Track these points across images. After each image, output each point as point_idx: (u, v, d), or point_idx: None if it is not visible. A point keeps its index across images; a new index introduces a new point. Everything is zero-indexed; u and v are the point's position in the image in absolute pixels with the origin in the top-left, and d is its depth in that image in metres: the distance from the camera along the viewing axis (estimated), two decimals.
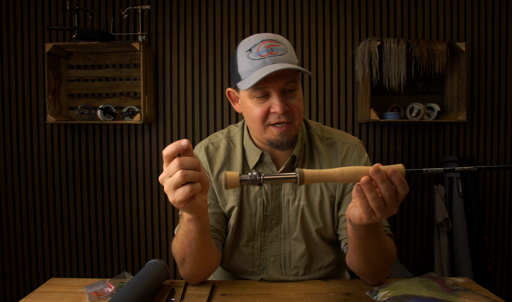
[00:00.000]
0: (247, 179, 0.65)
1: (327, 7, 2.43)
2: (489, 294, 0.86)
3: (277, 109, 0.87)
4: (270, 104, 0.88)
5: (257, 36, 0.90)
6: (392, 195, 0.64)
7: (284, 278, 1.01)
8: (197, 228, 0.78)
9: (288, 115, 0.89)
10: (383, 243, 0.82)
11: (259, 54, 0.87)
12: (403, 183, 0.64)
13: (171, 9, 2.42)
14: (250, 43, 0.89)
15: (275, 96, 0.87)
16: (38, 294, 0.89)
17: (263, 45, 0.87)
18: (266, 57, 0.86)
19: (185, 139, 0.66)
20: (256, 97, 0.89)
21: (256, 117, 0.90)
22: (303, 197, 0.98)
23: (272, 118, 0.89)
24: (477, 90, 2.45)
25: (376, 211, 0.65)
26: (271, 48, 0.87)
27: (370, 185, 0.63)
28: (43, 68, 2.39)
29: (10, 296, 2.46)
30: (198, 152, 1.04)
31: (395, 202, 0.65)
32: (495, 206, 2.47)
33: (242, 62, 0.89)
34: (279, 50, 0.87)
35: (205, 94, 2.43)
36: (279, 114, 0.88)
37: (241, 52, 0.90)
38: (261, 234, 1.00)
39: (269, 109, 0.89)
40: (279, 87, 0.87)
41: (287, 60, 0.87)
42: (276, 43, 0.88)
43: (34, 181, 2.43)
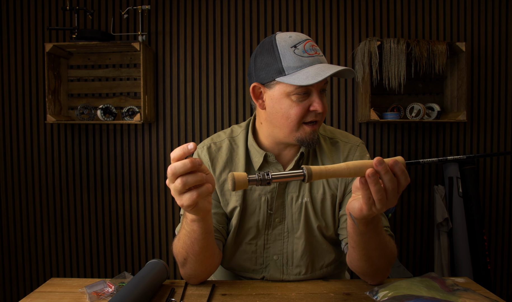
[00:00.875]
0: (255, 179, 0.63)
1: (327, 7, 2.43)
2: (489, 294, 0.86)
3: (318, 107, 0.89)
4: (310, 102, 0.90)
5: (298, 35, 0.91)
6: (395, 186, 0.65)
7: (285, 278, 1.01)
8: (201, 229, 0.78)
9: (321, 114, 0.92)
10: (383, 241, 0.82)
11: (306, 52, 0.87)
12: (404, 174, 0.65)
13: (171, 9, 2.42)
14: (293, 40, 0.89)
15: (316, 95, 0.89)
16: (38, 294, 0.89)
17: (308, 43, 0.89)
18: (315, 56, 0.88)
19: (192, 143, 0.65)
20: (298, 94, 0.88)
21: (294, 115, 0.89)
22: (307, 194, 0.98)
23: (309, 117, 0.91)
24: (477, 90, 2.45)
25: (378, 203, 0.66)
26: (315, 49, 0.89)
27: (375, 177, 0.64)
28: (43, 68, 2.39)
29: (10, 296, 2.46)
30: (200, 152, 1.04)
31: (396, 194, 0.66)
32: (495, 206, 2.47)
33: (287, 57, 0.87)
34: (320, 51, 0.91)
35: (205, 94, 2.43)
36: (317, 112, 0.90)
37: (285, 47, 0.88)
38: (265, 232, 1.00)
39: (308, 107, 0.90)
40: (320, 86, 0.90)
41: (326, 61, 0.91)
42: (316, 45, 0.92)
43: (34, 181, 2.43)
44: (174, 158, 0.65)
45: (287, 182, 0.99)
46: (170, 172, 0.65)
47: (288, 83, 0.87)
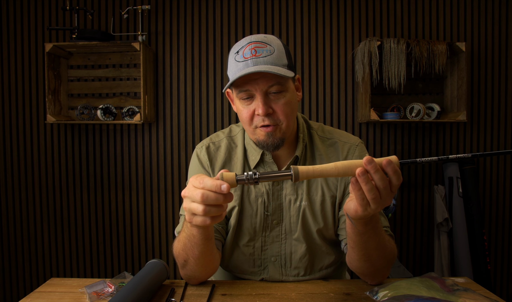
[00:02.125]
0: (243, 179, 0.66)
1: (327, 7, 2.43)
2: (489, 294, 0.86)
3: (259, 111, 0.88)
4: (255, 106, 0.89)
5: (246, 38, 0.91)
6: (386, 185, 0.65)
7: (285, 279, 1.01)
8: (201, 235, 0.78)
9: (272, 118, 0.89)
10: (382, 241, 0.82)
11: (243, 56, 0.87)
12: (397, 173, 0.65)
13: (171, 9, 2.42)
14: (239, 46, 0.91)
15: (258, 98, 0.88)
16: (38, 294, 0.89)
17: (248, 47, 0.88)
18: (249, 59, 0.87)
19: (225, 185, 0.64)
20: (242, 98, 0.90)
21: (243, 118, 0.92)
22: (305, 197, 0.98)
23: (257, 120, 0.90)
24: (477, 90, 2.45)
25: (372, 203, 0.66)
26: (256, 50, 0.87)
27: (365, 176, 0.64)
28: (43, 68, 2.39)
29: (10, 296, 2.46)
30: (199, 152, 1.04)
31: (389, 192, 0.66)
32: (495, 206, 2.47)
33: (230, 64, 0.91)
34: (264, 51, 0.87)
35: (205, 94, 2.43)
36: (261, 116, 0.88)
37: (231, 54, 0.91)
38: (262, 234, 1.00)
39: (254, 111, 0.90)
40: (261, 89, 0.87)
41: (270, 62, 0.87)
42: (262, 45, 0.88)
43: (34, 181, 2.43)
44: (206, 187, 0.65)
45: (283, 184, 0.99)
46: (199, 198, 0.65)
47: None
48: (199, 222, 0.68)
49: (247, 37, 0.92)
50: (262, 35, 0.91)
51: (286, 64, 0.89)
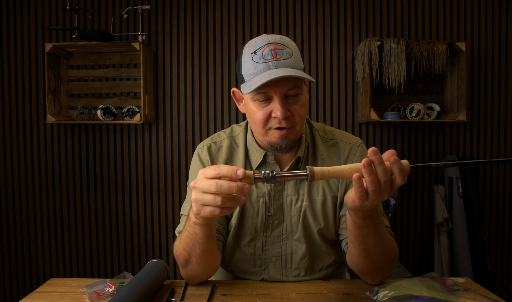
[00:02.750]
0: (260, 177, 0.67)
1: (327, 7, 2.43)
2: (489, 294, 0.86)
3: (278, 114, 0.87)
4: (272, 108, 0.88)
5: (263, 38, 0.89)
6: (388, 179, 0.66)
7: (285, 279, 1.01)
8: (203, 233, 0.78)
9: (289, 121, 0.89)
10: (383, 238, 0.82)
11: (263, 57, 0.86)
12: (402, 173, 0.66)
13: (171, 9, 2.42)
14: (256, 45, 0.89)
15: (277, 101, 0.87)
16: (38, 294, 0.89)
17: (267, 48, 0.87)
18: (270, 61, 0.85)
19: (241, 170, 0.65)
20: (259, 100, 0.89)
21: (257, 120, 0.90)
22: (306, 197, 0.98)
23: (273, 123, 0.89)
24: (477, 90, 2.45)
25: (371, 194, 0.67)
26: (276, 52, 0.86)
27: (370, 167, 0.65)
28: (43, 68, 2.39)
29: (10, 296, 2.46)
30: (201, 152, 1.04)
31: (389, 188, 0.67)
32: (495, 206, 2.47)
33: (246, 64, 0.89)
34: (283, 54, 0.87)
35: (205, 94, 2.43)
36: (280, 119, 0.88)
37: (246, 53, 0.90)
38: (263, 234, 1.00)
39: (270, 113, 0.89)
40: (281, 92, 0.87)
41: (291, 64, 0.86)
42: (282, 47, 0.88)
43: (34, 181, 2.43)
44: (221, 174, 0.65)
45: (285, 185, 0.99)
46: (213, 188, 0.64)
47: (243, 91, 0.89)
48: (207, 212, 0.67)
49: (262, 36, 0.90)
50: (278, 36, 0.90)
51: (303, 67, 0.90)
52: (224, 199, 0.65)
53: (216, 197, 0.65)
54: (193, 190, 0.69)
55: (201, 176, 0.68)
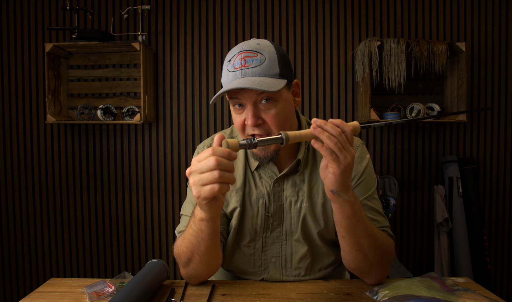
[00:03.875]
0: (244, 144, 0.72)
1: (327, 7, 2.43)
2: (489, 294, 0.86)
3: (248, 122, 0.88)
4: (246, 115, 0.89)
5: (238, 46, 0.90)
6: (339, 132, 0.72)
7: (285, 279, 1.01)
8: (209, 229, 0.78)
9: (263, 128, 0.88)
10: (371, 229, 0.84)
11: (233, 66, 0.87)
12: (342, 123, 0.74)
13: (171, 9, 2.42)
14: (231, 54, 0.90)
15: (248, 108, 0.88)
16: (38, 294, 0.89)
17: (239, 56, 0.87)
18: (238, 70, 0.86)
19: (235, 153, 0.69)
20: (234, 106, 0.91)
21: (237, 126, 0.92)
22: (306, 199, 0.98)
23: (248, 130, 0.90)
24: (477, 90, 2.45)
25: (336, 151, 0.72)
26: (245, 60, 0.86)
27: (318, 129, 0.72)
28: (43, 68, 2.39)
29: (10, 296, 2.46)
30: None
31: (345, 140, 0.73)
32: (495, 206, 2.47)
33: (223, 72, 0.91)
34: (253, 61, 0.86)
35: (205, 94, 2.43)
36: (250, 126, 0.88)
37: (225, 62, 0.91)
38: (263, 235, 1.00)
39: (245, 120, 0.89)
40: (250, 99, 0.86)
41: (259, 72, 0.85)
42: (253, 54, 0.87)
43: (34, 181, 2.43)
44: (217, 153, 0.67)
45: (284, 186, 0.99)
46: (213, 164, 0.66)
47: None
48: (207, 191, 0.68)
49: (241, 43, 0.91)
50: (255, 43, 0.89)
51: (278, 73, 0.87)
52: (221, 173, 0.67)
53: (213, 172, 0.67)
54: (189, 176, 0.70)
55: (194, 161, 0.70)
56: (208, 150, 0.68)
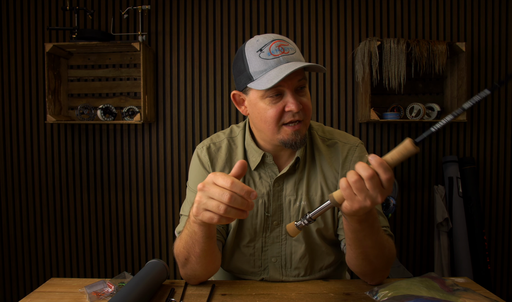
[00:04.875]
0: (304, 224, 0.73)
1: (327, 7, 2.43)
2: (489, 294, 0.86)
3: (292, 107, 0.87)
4: (285, 103, 0.88)
5: (266, 37, 0.90)
6: (370, 175, 0.65)
7: (285, 279, 1.01)
8: (202, 232, 0.78)
9: (301, 113, 0.89)
10: (380, 240, 0.82)
11: (271, 53, 0.86)
12: (381, 166, 0.65)
13: (171, 9, 2.42)
14: (260, 44, 0.89)
15: (289, 94, 0.88)
16: (38, 294, 0.89)
17: (274, 44, 0.87)
18: (280, 56, 0.86)
19: (255, 193, 0.65)
20: (270, 96, 0.88)
21: (270, 117, 0.89)
22: (304, 197, 0.98)
23: (286, 117, 0.89)
24: (477, 90, 2.45)
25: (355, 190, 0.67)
26: (283, 48, 0.87)
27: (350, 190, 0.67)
28: (43, 68, 2.39)
29: (10, 296, 2.46)
30: (200, 152, 1.03)
31: (376, 185, 0.66)
32: (495, 206, 2.47)
33: (253, 62, 0.88)
34: (289, 49, 0.88)
35: (205, 94, 2.43)
36: (294, 112, 0.88)
37: (251, 52, 0.89)
38: (262, 235, 1.00)
39: (283, 108, 0.88)
40: (293, 85, 0.87)
41: (298, 58, 0.88)
42: (286, 43, 0.89)
43: (34, 181, 2.43)
44: (234, 191, 0.64)
45: (283, 185, 0.99)
46: (226, 199, 0.64)
47: (254, 88, 0.88)
48: (206, 217, 0.67)
49: (262, 35, 0.91)
50: (279, 35, 0.92)
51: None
52: (227, 209, 0.65)
53: (220, 205, 0.65)
54: (199, 192, 0.68)
55: (211, 181, 0.67)
56: (228, 179, 0.64)
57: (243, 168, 0.68)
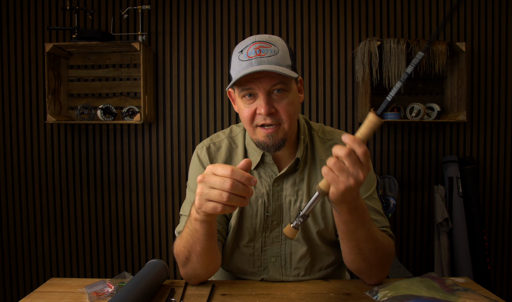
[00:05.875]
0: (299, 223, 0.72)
1: (327, 7, 2.43)
2: (489, 294, 0.86)
3: (261, 110, 0.87)
4: (257, 105, 0.89)
5: (251, 38, 0.91)
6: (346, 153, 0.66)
7: (285, 279, 1.01)
8: (203, 230, 0.78)
9: (274, 117, 0.89)
10: (373, 233, 0.82)
11: (247, 55, 0.87)
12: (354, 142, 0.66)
13: (171, 9, 2.42)
14: (243, 45, 0.91)
15: (261, 97, 0.88)
16: (38, 294, 0.89)
17: (252, 46, 0.88)
18: (253, 59, 0.87)
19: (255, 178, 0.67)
20: (244, 97, 0.90)
21: (245, 117, 0.91)
22: (305, 198, 0.97)
23: (258, 119, 0.90)
24: (477, 90, 2.45)
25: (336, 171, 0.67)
26: (260, 50, 0.87)
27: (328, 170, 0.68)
28: (43, 68, 2.39)
29: (10, 296, 2.46)
30: (200, 152, 1.03)
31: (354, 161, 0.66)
32: (495, 206, 2.47)
33: (233, 63, 0.91)
34: (268, 51, 0.87)
35: (205, 94, 2.43)
36: (263, 115, 0.88)
37: (235, 53, 0.92)
38: (262, 235, 1.00)
39: (255, 110, 0.89)
40: (264, 88, 0.87)
41: (274, 62, 0.87)
42: (267, 45, 0.88)
43: (34, 181, 2.43)
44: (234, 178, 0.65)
45: (283, 185, 0.99)
46: (228, 186, 0.65)
47: (227, 88, 0.92)
48: (210, 207, 0.68)
49: (251, 37, 0.92)
50: (267, 35, 0.92)
51: (290, 65, 0.89)
52: (230, 197, 0.66)
53: (222, 193, 0.66)
54: (199, 183, 0.69)
55: (210, 172, 0.68)
56: (227, 168, 0.66)
57: (247, 166, 0.69)
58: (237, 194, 0.66)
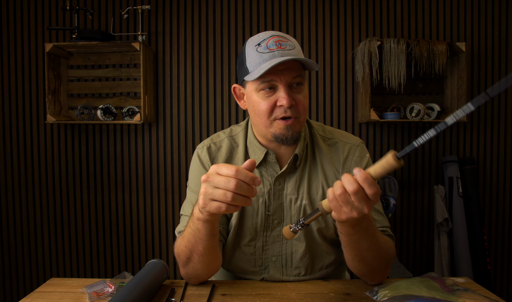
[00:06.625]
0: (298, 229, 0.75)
1: (327, 7, 2.43)
2: (489, 294, 0.86)
3: (283, 102, 0.87)
4: (277, 97, 0.89)
5: (266, 33, 0.92)
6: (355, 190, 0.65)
7: (285, 278, 1.01)
8: (206, 230, 0.78)
9: (294, 110, 0.89)
10: (376, 243, 0.82)
11: (268, 47, 0.88)
12: (366, 180, 0.64)
13: (171, 9, 2.42)
14: (259, 39, 0.91)
15: (282, 89, 0.88)
16: (38, 294, 0.89)
17: (272, 39, 0.89)
18: (275, 51, 0.87)
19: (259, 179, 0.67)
20: (263, 90, 0.89)
21: (262, 110, 0.90)
22: (305, 196, 0.98)
23: (278, 112, 0.89)
24: (477, 90, 2.45)
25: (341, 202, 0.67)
26: (280, 43, 0.88)
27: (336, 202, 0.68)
28: (43, 68, 2.39)
29: (10, 296, 2.46)
30: (200, 152, 1.03)
31: (361, 198, 0.65)
32: (495, 206, 2.47)
33: (250, 56, 0.90)
34: (287, 45, 0.89)
35: (205, 94, 2.43)
36: (285, 107, 0.88)
37: (250, 46, 0.91)
38: (263, 234, 1.00)
39: (275, 103, 0.89)
40: (286, 80, 0.88)
41: (295, 54, 0.89)
42: (285, 39, 0.90)
43: (34, 181, 2.43)
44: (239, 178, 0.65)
45: (285, 184, 0.99)
46: (232, 186, 0.65)
47: (248, 79, 0.90)
48: (214, 207, 0.68)
49: (264, 32, 0.93)
50: (280, 32, 0.93)
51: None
52: (234, 196, 0.66)
53: (227, 193, 0.66)
54: (204, 183, 0.69)
55: (214, 172, 0.68)
56: (232, 168, 0.66)
57: (252, 167, 0.69)
58: (241, 194, 0.66)
